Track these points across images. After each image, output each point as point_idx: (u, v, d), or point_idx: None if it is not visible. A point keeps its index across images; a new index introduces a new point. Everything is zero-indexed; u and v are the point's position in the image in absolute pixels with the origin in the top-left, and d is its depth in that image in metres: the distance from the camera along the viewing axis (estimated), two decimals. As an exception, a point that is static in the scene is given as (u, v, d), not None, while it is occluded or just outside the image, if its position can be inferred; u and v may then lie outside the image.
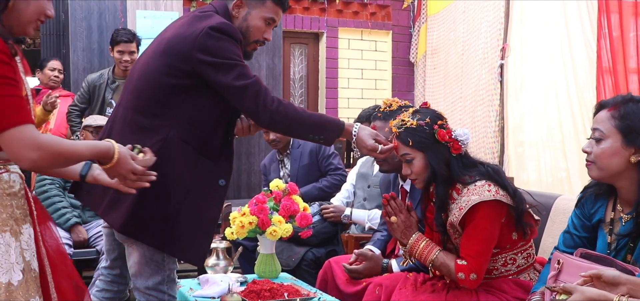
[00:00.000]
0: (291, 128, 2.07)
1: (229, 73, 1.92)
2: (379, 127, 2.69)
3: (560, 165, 4.34)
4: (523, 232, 2.16)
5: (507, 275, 2.20)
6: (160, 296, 1.99)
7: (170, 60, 1.95)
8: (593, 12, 4.05)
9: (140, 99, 1.99)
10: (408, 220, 2.28)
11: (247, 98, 1.95)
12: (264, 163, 4.08)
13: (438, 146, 2.17)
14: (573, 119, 4.22)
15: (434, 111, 2.27)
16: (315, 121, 2.09)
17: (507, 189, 2.10)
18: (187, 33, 1.96)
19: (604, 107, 1.85)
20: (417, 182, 2.24)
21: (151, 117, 1.95)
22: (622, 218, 1.85)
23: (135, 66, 2.11)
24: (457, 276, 2.12)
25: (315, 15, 6.06)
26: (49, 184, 3.56)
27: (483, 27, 5.05)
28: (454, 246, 2.24)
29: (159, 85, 1.95)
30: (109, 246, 2.18)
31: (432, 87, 5.93)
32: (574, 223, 2.01)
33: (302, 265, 3.22)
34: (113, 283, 2.21)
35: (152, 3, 4.94)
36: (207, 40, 1.91)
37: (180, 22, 2.07)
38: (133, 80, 2.06)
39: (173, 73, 1.94)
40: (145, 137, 1.91)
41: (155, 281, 1.98)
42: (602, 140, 1.81)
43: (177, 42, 1.96)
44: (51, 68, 4.72)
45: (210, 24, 1.94)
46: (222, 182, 2.05)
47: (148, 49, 2.09)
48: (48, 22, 5.20)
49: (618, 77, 3.86)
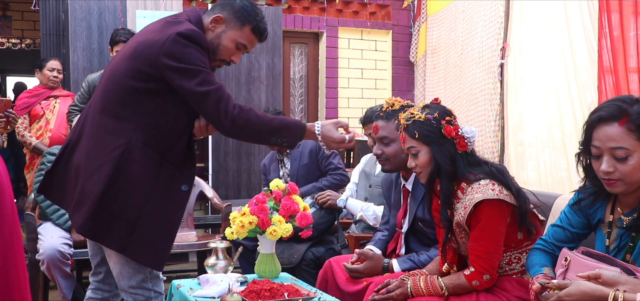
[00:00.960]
0: (253, 133, 2.06)
1: (192, 79, 1.93)
2: (381, 126, 2.69)
3: (560, 165, 4.33)
4: (528, 232, 2.17)
5: (511, 273, 2.20)
6: (146, 294, 2.00)
7: (137, 64, 1.96)
8: (594, 11, 4.04)
9: (107, 101, 2.00)
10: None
11: (208, 104, 1.96)
12: (264, 163, 4.08)
13: (444, 141, 2.19)
14: (574, 118, 4.21)
15: (444, 107, 2.28)
16: (276, 125, 2.08)
17: (511, 189, 2.11)
18: (156, 38, 1.97)
19: (606, 122, 1.75)
20: (422, 175, 2.26)
21: (116, 120, 1.96)
22: (622, 220, 1.85)
23: (106, 69, 2.13)
24: (472, 285, 2.14)
25: (315, 14, 6.06)
26: None
27: (483, 26, 5.04)
28: (457, 244, 2.25)
29: (125, 88, 1.97)
30: (92, 251, 2.19)
31: (432, 87, 5.93)
32: (568, 219, 2.00)
33: (302, 265, 3.22)
34: (97, 290, 2.21)
35: (152, 3, 4.94)
36: (173, 46, 1.93)
37: (152, 27, 2.08)
38: (102, 83, 2.07)
39: (139, 76, 1.95)
40: (110, 140, 1.93)
41: (138, 279, 1.99)
42: (629, 158, 1.73)
43: (145, 47, 1.97)
44: (50, 68, 4.71)
45: (178, 30, 1.95)
46: (184, 187, 2.05)
47: (120, 52, 2.10)
48: (48, 22, 5.23)
49: (619, 77, 3.86)
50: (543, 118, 4.49)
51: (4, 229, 2.12)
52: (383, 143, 2.69)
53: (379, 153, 2.70)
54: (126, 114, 1.96)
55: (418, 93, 6.15)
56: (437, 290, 2.19)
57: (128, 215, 1.93)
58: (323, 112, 6.18)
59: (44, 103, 4.71)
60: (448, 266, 2.29)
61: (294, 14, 5.96)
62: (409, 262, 2.58)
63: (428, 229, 2.62)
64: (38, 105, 4.70)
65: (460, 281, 2.17)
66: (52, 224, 3.53)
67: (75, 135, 2.07)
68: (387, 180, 2.96)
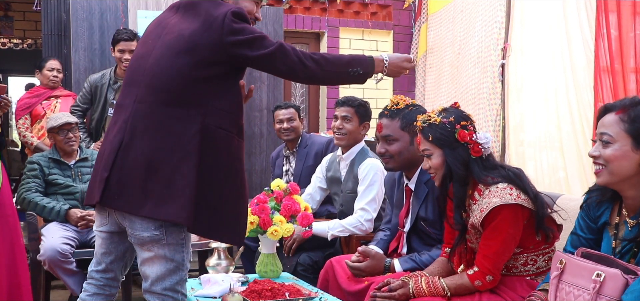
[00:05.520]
0: (334, 67, 2.09)
1: (262, 44, 2.00)
2: (386, 125, 2.70)
3: (558, 165, 4.33)
4: (546, 235, 2.18)
5: (525, 274, 2.21)
6: (176, 296, 1.99)
7: (199, 54, 1.96)
8: (591, 11, 4.04)
9: (166, 93, 1.97)
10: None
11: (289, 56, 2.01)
12: (272, 156, 4.11)
13: (457, 145, 2.21)
14: (572, 119, 4.21)
15: (462, 112, 2.30)
16: (347, 58, 2.13)
17: (528, 193, 2.12)
18: (209, 23, 1.98)
19: (609, 111, 1.83)
20: (435, 178, 2.29)
21: (182, 108, 1.95)
22: (627, 223, 1.85)
23: (144, 62, 2.06)
24: (474, 285, 2.15)
25: (316, 15, 6.06)
26: (25, 192, 3.57)
27: (483, 26, 5.04)
28: (466, 247, 2.26)
29: (188, 80, 1.96)
30: (106, 249, 2.14)
31: (432, 86, 5.93)
32: (580, 225, 2.01)
33: (300, 270, 3.17)
34: (106, 286, 2.17)
35: (154, 3, 4.95)
36: (233, 23, 1.97)
37: (186, 16, 2.06)
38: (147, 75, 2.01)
39: (203, 65, 1.97)
40: (182, 128, 1.93)
41: (173, 281, 1.98)
42: (610, 144, 1.80)
43: (201, 35, 1.97)
44: (50, 68, 4.72)
45: (227, 10, 1.99)
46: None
47: (157, 43, 2.06)
48: (49, 22, 5.24)
49: (616, 77, 3.85)
50: (542, 119, 4.49)
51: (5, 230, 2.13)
52: (387, 142, 2.69)
53: (382, 152, 2.71)
54: (193, 101, 1.96)
55: (418, 93, 6.16)
56: (439, 291, 2.20)
57: (214, 200, 1.96)
58: (324, 112, 6.19)
59: (45, 103, 4.72)
60: (464, 267, 2.29)
61: (295, 14, 5.97)
62: (410, 262, 2.58)
63: (430, 228, 2.62)
64: (39, 105, 4.71)
65: (462, 281, 2.18)
66: (55, 224, 3.54)
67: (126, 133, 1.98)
68: (390, 179, 2.97)
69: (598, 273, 1.72)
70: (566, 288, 1.81)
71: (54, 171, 3.66)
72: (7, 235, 2.27)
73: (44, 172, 3.64)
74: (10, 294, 2.32)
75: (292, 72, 2.05)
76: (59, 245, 3.34)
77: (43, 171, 3.64)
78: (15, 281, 2.40)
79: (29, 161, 3.73)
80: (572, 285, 1.79)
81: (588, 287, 1.73)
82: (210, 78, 1.98)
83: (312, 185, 3.56)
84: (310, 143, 3.88)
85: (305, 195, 3.51)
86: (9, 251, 2.32)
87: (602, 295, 1.70)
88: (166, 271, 1.96)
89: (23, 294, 2.42)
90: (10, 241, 2.36)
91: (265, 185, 2.98)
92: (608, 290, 1.69)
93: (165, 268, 1.96)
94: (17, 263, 2.39)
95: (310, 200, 3.51)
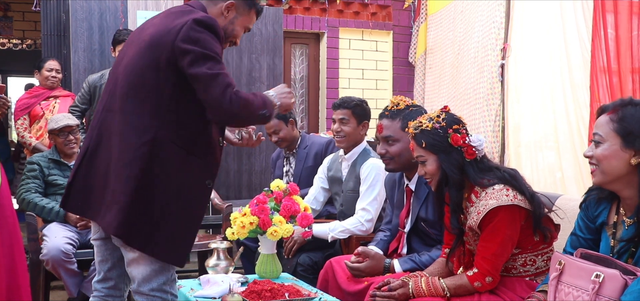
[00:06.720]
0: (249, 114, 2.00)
1: (204, 63, 1.91)
2: (386, 126, 2.70)
3: (555, 165, 4.33)
4: (544, 236, 2.18)
5: (524, 275, 2.21)
6: (164, 296, 1.99)
7: (155, 53, 1.93)
8: (588, 12, 4.04)
9: (126, 100, 1.96)
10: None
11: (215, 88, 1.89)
12: (272, 157, 4.12)
13: (451, 150, 2.20)
14: (568, 119, 4.21)
15: (453, 116, 2.29)
16: (260, 101, 2.04)
17: (525, 193, 2.12)
18: (172, 25, 1.95)
19: (604, 112, 1.86)
20: (431, 183, 2.29)
21: (139, 117, 1.94)
22: (624, 222, 1.86)
23: (117, 68, 2.07)
24: (474, 286, 2.15)
25: (316, 15, 6.06)
26: (25, 192, 3.57)
27: (483, 26, 5.04)
28: (464, 250, 2.26)
29: (146, 83, 1.94)
30: (102, 257, 2.14)
31: (431, 87, 5.93)
32: (579, 225, 2.02)
33: (299, 270, 3.16)
34: (108, 296, 2.17)
35: (153, 3, 4.95)
36: (190, 31, 1.92)
37: (164, 16, 2.05)
38: (117, 81, 2.02)
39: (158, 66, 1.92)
40: (136, 137, 1.91)
41: (161, 282, 1.98)
42: (600, 143, 1.83)
43: (161, 35, 1.95)
44: (49, 68, 4.72)
45: (195, 17, 1.95)
46: (208, 182, 2.02)
47: (130, 47, 2.06)
48: (49, 22, 5.23)
49: (612, 77, 3.85)
50: (540, 119, 4.49)
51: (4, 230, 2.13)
52: (387, 143, 2.69)
53: (383, 153, 2.71)
54: (149, 111, 1.93)
55: (417, 93, 6.16)
56: (439, 291, 2.20)
57: (155, 214, 1.92)
58: (324, 113, 6.19)
59: (44, 103, 4.72)
60: (463, 269, 2.29)
61: (294, 15, 5.97)
62: (410, 262, 2.58)
63: (431, 229, 2.62)
64: (38, 105, 4.71)
65: (462, 282, 2.18)
66: (57, 224, 3.54)
67: (92, 140, 2.03)
68: (390, 179, 2.97)
69: (597, 273, 1.72)
70: (565, 289, 1.82)
71: (54, 171, 3.66)
72: (7, 235, 2.27)
73: (44, 173, 3.64)
74: (10, 295, 2.32)
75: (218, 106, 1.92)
76: (62, 244, 3.34)
77: (43, 172, 3.64)
78: (14, 282, 2.40)
79: (28, 161, 3.73)
80: (571, 286, 1.80)
81: (587, 288, 1.73)
82: (168, 85, 1.93)
83: (315, 186, 3.56)
84: (310, 144, 3.88)
85: (309, 197, 3.51)
86: (9, 252, 2.32)
87: (601, 295, 1.70)
88: (152, 272, 1.96)
89: (22, 295, 2.41)
90: (10, 242, 2.36)
91: (265, 186, 2.97)
92: (607, 290, 1.69)
93: (151, 269, 1.96)
94: (17, 264, 2.39)
95: (314, 202, 3.51)
